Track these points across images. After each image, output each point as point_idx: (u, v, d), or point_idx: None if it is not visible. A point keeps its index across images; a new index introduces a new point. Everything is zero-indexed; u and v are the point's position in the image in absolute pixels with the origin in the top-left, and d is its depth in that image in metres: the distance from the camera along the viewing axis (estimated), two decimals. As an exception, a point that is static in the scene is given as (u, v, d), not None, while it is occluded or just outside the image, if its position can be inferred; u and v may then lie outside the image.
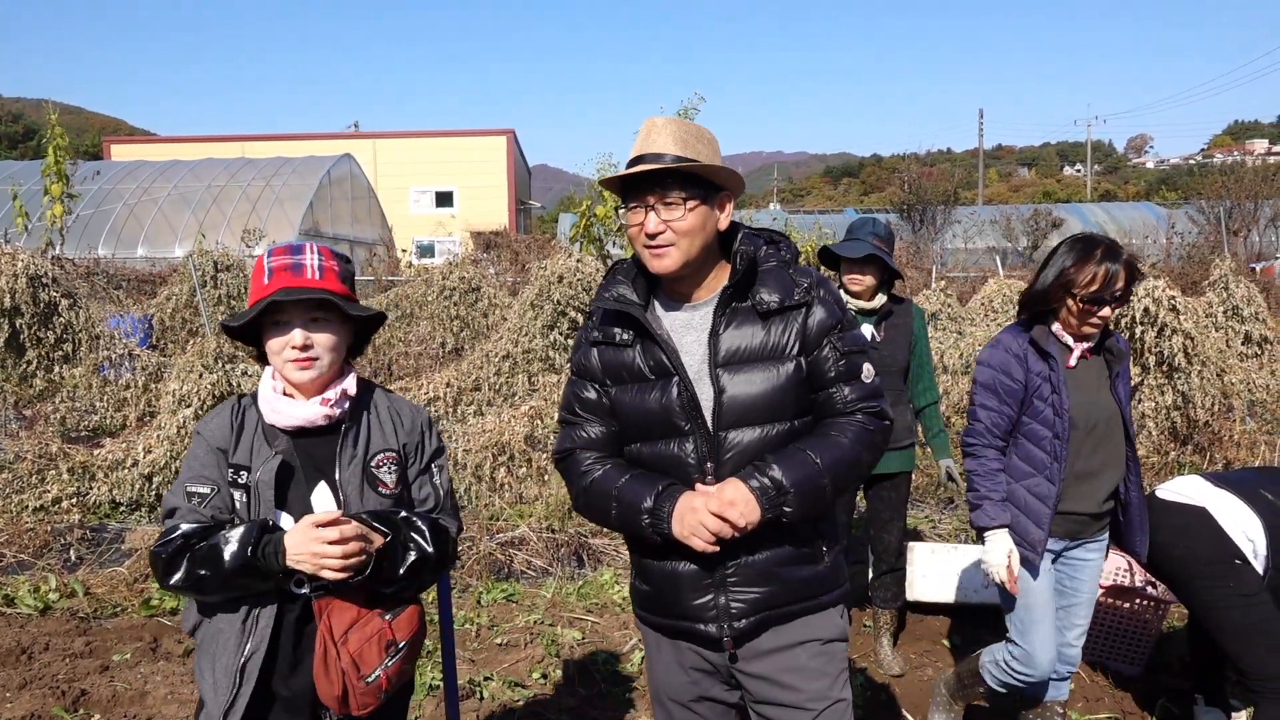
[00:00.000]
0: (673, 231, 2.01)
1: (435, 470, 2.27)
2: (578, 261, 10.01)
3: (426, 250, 32.72)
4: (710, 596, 2.08)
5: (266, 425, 2.13)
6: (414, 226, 37.26)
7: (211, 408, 6.21)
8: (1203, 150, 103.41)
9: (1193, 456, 6.50)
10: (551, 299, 9.87)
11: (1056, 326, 3.03)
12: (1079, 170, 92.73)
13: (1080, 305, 2.94)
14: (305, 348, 2.09)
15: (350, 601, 2.06)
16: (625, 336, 2.13)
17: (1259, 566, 3.11)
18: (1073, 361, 3.03)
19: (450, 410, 9.69)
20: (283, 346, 2.10)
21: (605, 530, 5.91)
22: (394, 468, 2.18)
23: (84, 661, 4.28)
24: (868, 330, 4.05)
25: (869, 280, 4.06)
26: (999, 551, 3.03)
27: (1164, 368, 6.82)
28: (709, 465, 2.04)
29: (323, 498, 2.12)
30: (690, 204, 2.01)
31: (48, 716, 3.76)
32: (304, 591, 2.04)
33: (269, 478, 2.07)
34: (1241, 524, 3.15)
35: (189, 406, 6.21)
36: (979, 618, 4.65)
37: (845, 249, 4.09)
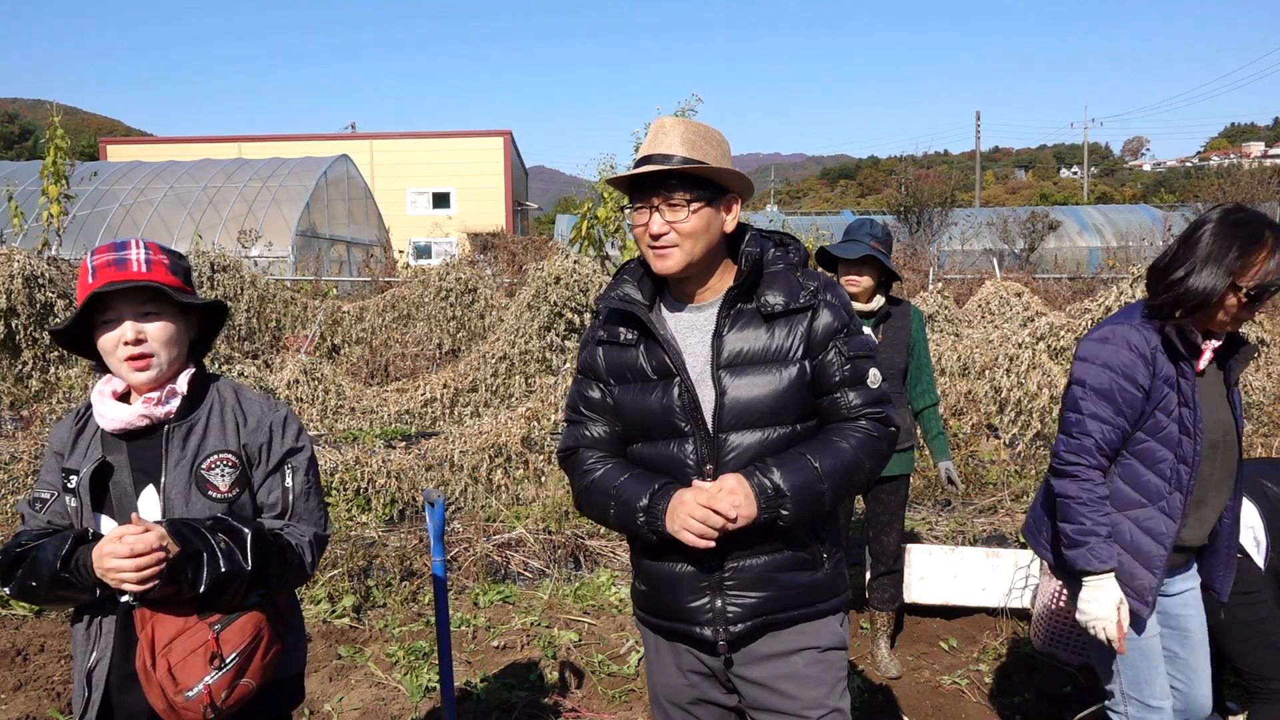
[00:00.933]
0: (677, 233, 2.01)
1: (288, 472, 2.12)
2: (575, 263, 10.01)
3: (423, 251, 32.73)
4: (707, 599, 2.07)
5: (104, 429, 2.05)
6: (411, 227, 37.25)
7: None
8: (1199, 153, 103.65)
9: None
10: (548, 300, 9.87)
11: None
12: (1076, 173, 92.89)
13: (1242, 298, 2.41)
14: (138, 341, 1.99)
15: (178, 612, 1.96)
16: (629, 336, 2.13)
17: (1260, 559, 3.07)
18: (1202, 365, 2.52)
19: (447, 411, 9.69)
20: (115, 344, 2.00)
21: (602, 531, 5.91)
22: (229, 470, 2.05)
23: (79, 663, 4.26)
24: (867, 333, 4.04)
25: (866, 282, 4.06)
26: (1107, 602, 2.49)
27: (1161, 370, 6.82)
28: (708, 467, 2.03)
29: (149, 503, 2.02)
30: (695, 206, 2.01)
31: (43, 717, 3.74)
32: (125, 600, 1.95)
33: (85, 480, 1.99)
34: (1245, 518, 3.09)
35: (185, 407, 6.19)
36: (976, 620, 4.65)
37: (842, 250, 4.08)
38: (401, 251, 24.23)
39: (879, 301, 4.13)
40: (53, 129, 11.82)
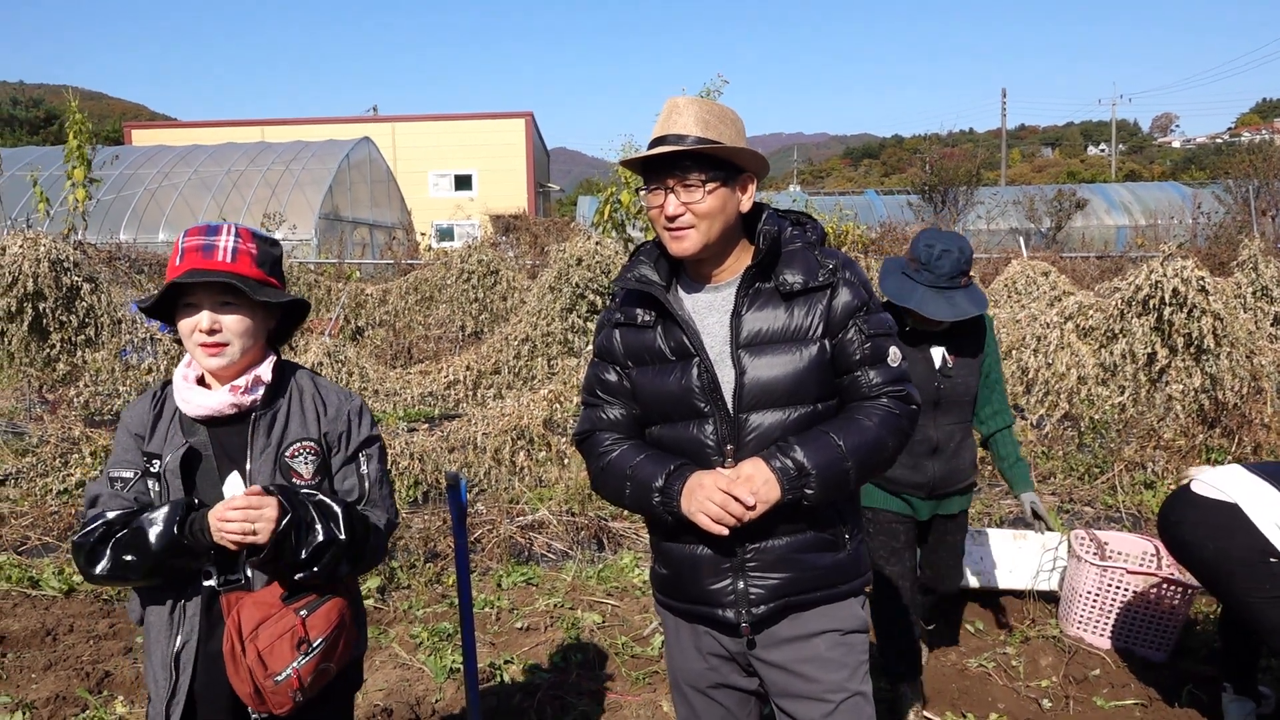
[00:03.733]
0: (692, 214, 1.99)
1: (363, 460, 2.17)
2: (596, 244, 9.97)
3: (446, 233, 32.80)
4: (729, 581, 2.05)
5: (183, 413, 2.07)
6: (433, 210, 37.31)
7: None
8: (1230, 129, 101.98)
9: (1221, 439, 6.41)
10: (570, 282, 9.84)
11: None
12: (1104, 150, 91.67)
13: None
14: (212, 331, 2.01)
15: (265, 597, 2.00)
16: (647, 317, 2.11)
17: None
18: None
19: (470, 393, 9.70)
20: (191, 329, 2.03)
21: (625, 513, 5.90)
22: (311, 458, 2.10)
23: (108, 643, 4.30)
24: (938, 355, 3.43)
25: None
26: None
27: (1192, 350, 6.72)
28: (729, 448, 2.01)
29: (234, 487, 2.05)
30: (710, 186, 1.98)
31: (72, 697, 3.78)
32: (211, 584, 1.99)
33: (175, 466, 2.02)
34: (1275, 517, 3.03)
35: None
36: (1001, 602, 4.61)
37: (929, 306, 3.26)
38: (424, 234, 24.27)
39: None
40: (71, 112, 11.87)
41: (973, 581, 4.64)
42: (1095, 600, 4.18)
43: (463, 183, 42.06)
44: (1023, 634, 4.31)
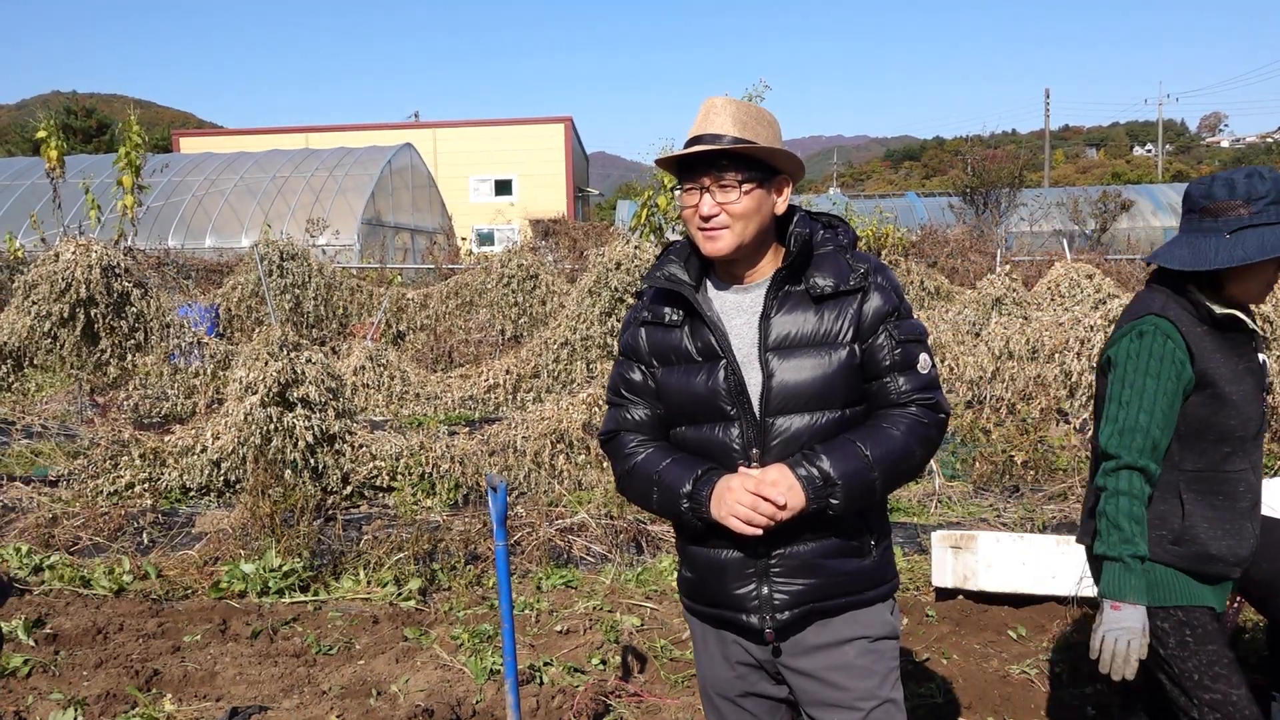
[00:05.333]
0: (728, 214, 1.98)
1: None
2: (635, 248, 10.01)
3: (486, 238, 33.02)
4: (753, 586, 2.04)
5: None
6: (473, 215, 37.59)
7: (277, 394, 6.33)
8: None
9: (1270, 444, 6.29)
10: (609, 286, 9.88)
11: None
12: (1149, 150, 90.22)
13: None
14: None
15: None
16: (675, 316, 2.09)
17: None
18: None
19: (510, 397, 9.77)
20: None
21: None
22: None
23: (156, 642, 4.39)
24: (1272, 362, 2.73)
25: None
26: None
27: (1240, 353, 6.60)
28: (754, 451, 2.00)
29: None
30: (746, 187, 1.98)
31: (122, 695, 3.86)
32: None
33: None
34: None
35: (255, 394, 6.32)
36: (1045, 609, 4.56)
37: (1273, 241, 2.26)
38: (464, 239, 24.48)
39: None
40: (129, 123, 12.13)
41: (1015, 587, 4.59)
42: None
43: (503, 188, 42.33)
44: (1066, 640, 4.26)
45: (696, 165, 2.00)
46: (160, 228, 23.32)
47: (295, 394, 6.40)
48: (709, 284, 2.13)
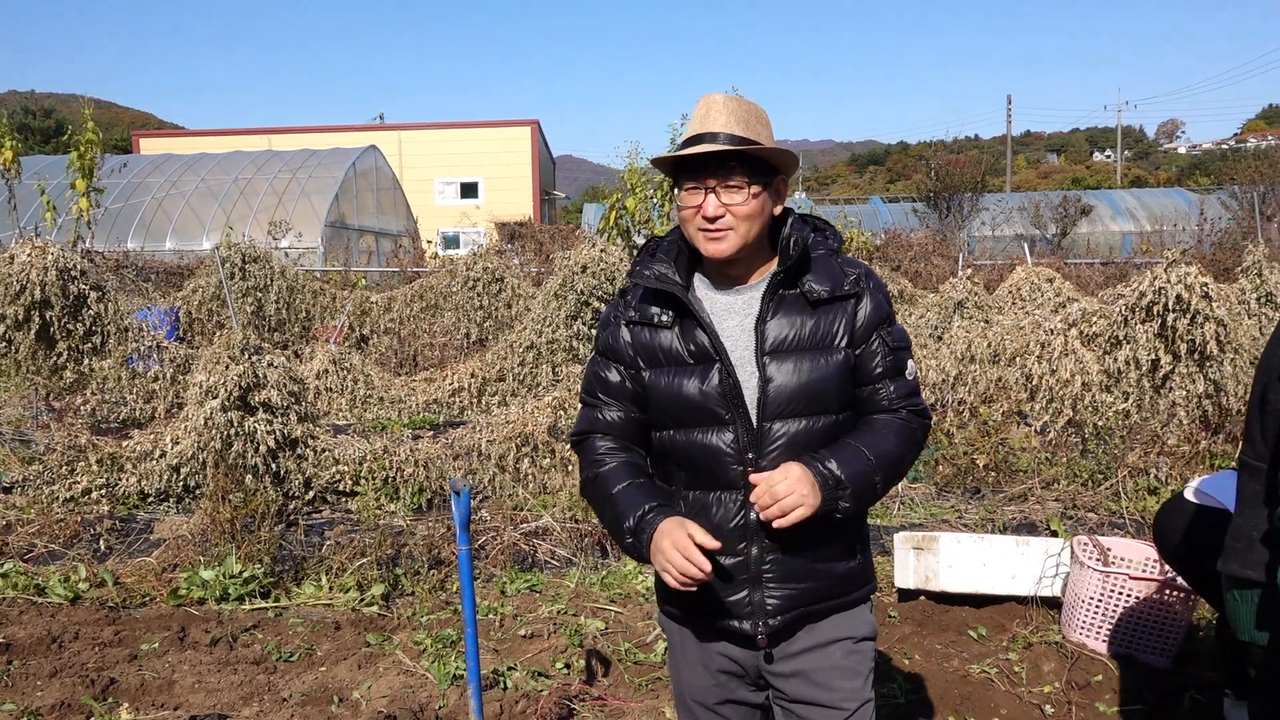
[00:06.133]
0: (733, 215, 1.95)
1: None
2: (601, 251, 10.01)
3: (451, 241, 32.88)
4: (745, 593, 2.02)
5: None
6: (439, 217, 37.39)
7: (238, 398, 6.26)
8: (1236, 135, 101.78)
9: (1224, 445, 6.40)
10: (575, 289, 9.87)
11: None
12: (1109, 156, 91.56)
13: None
14: None
15: None
16: (664, 317, 2.04)
17: None
18: None
19: (475, 401, 9.73)
20: None
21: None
22: None
23: (113, 650, 4.32)
24: None
25: None
26: None
27: (1195, 356, 6.72)
28: (749, 456, 1.97)
29: None
30: (754, 189, 1.96)
31: (77, 705, 3.80)
32: None
33: None
34: None
35: (215, 398, 6.24)
36: (1005, 609, 4.61)
37: None
38: (430, 241, 24.34)
39: None
40: (84, 120, 11.94)
41: (976, 588, 4.64)
42: (1098, 606, 4.18)
43: (468, 190, 42.18)
44: (1025, 640, 4.31)
45: (700, 165, 1.96)
46: (119, 229, 22.96)
47: (257, 398, 6.33)
48: (698, 284, 2.09)
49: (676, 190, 2.05)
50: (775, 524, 1.88)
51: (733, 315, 2.03)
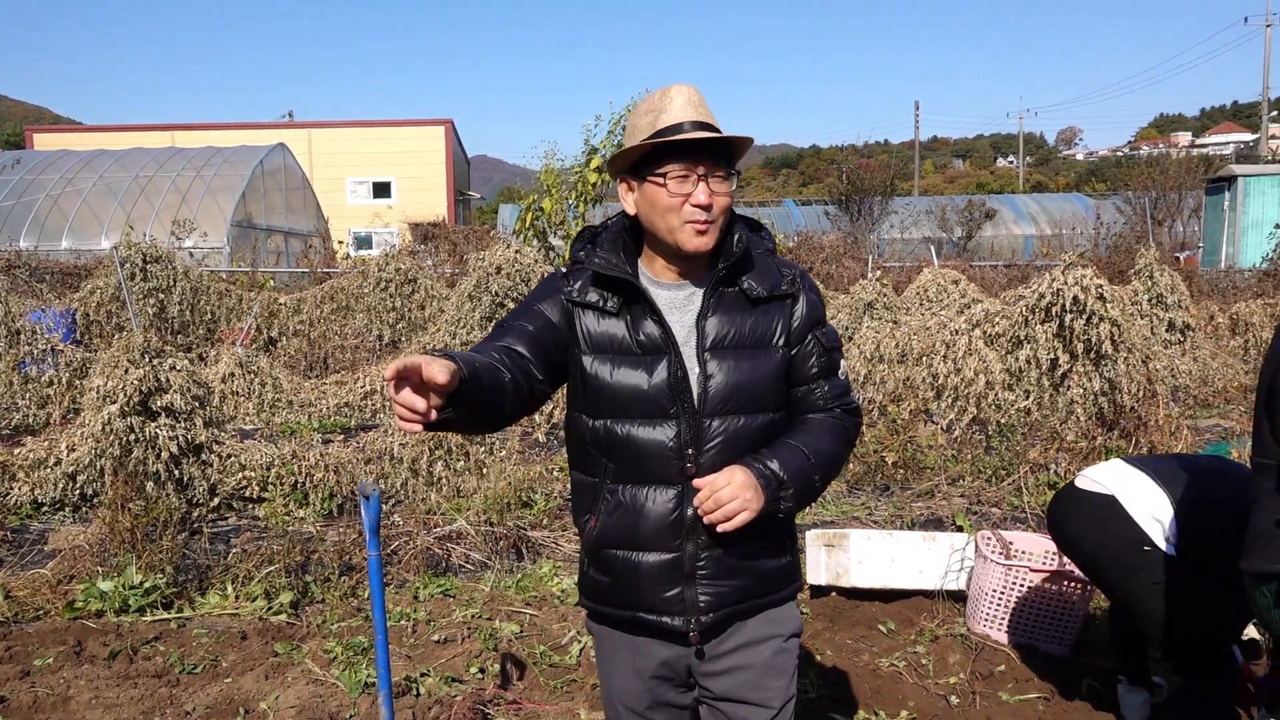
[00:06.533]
0: (717, 207, 1.94)
1: None
2: (516, 252, 9.95)
3: (363, 241, 32.34)
4: (679, 589, 2.00)
5: None
6: (350, 217, 36.69)
7: (139, 403, 6.05)
8: (1130, 142, 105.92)
9: (1119, 441, 6.66)
10: (490, 290, 9.80)
11: None
12: (1012, 162, 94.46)
13: None
14: None
15: None
16: (611, 304, 1.99)
17: (1169, 549, 3.08)
18: None
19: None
20: None
21: (545, 522, 5.89)
22: None
23: (3, 667, 4.14)
24: None
25: None
26: None
27: (1091, 355, 6.98)
28: (689, 452, 1.95)
29: None
30: (733, 182, 1.97)
31: (-36, 725, 3.63)
32: None
33: None
34: (1150, 508, 3.12)
35: (114, 403, 6.03)
36: (913, 603, 4.72)
37: None
38: (341, 242, 23.93)
39: None
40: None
41: (885, 583, 4.74)
42: (1000, 598, 4.30)
43: (381, 190, 41.51)
44: (932, 633, 4.42)
45: (699, 152, 1.92)
46: (11, 228, 22.02)
47: (158, 403, 6.14)
48: (641, 277, 2.03)
49: (634, 181, 1.98)
50: (719, 528, 1.88)
51: (674, 310, 2.00)
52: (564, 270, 2.06)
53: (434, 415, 1.68)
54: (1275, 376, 2.30)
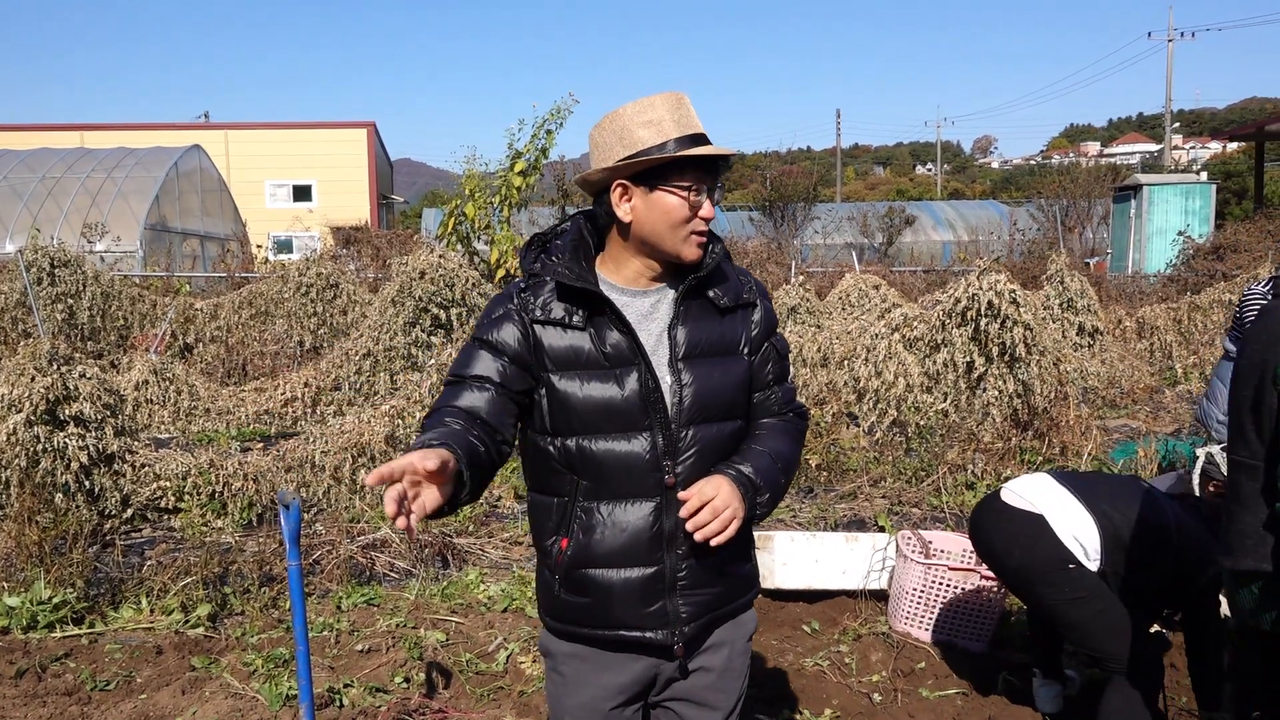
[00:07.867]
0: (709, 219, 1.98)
1: None
2: (440, 257, 9.85)
3: (284, 246, 31.63)
4: (661, 603, 1.97)
5: None
6: (271, 221, 35.89)
7: (45, 412, 5.85)
8: (1042, 152, 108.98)
9: (1033, 441, 6.86)
10: (413, 295, 9.69)
11: None
12: (930, 169, 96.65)
13: None
14: None
15: None
16: (576, 318, 1.92)
17: (1093, 567, 3.19)
18: None
19: (309, 411, 9.40)
20: None
21: (471, 529, 5.85)
22: None
23: (-99, 689, 3.96)
24: None
25: None
26: None
27: (1006, 358, 7.19)
28: (666, 464, 1.93)
29: None
30: (718, 193, 1.99)
31: None
32: None
33: None
34: (1074, 529, 3.20)
35: (19, 412, 5.81)
36: (837, 603, 4.80)
37: None
38: (260, 246, 23.41)
39: None
40: None
41: (809, 584, 4.81)
42: (920, 596, 4.40)
43: (301, 193, 40.71)
44: (855, 632, 4.50)
45: (712, 167, 1.96)
46: (-92, 231, 21.10)
47: (67, 411, 5.94)
48: (602, 285, 1.98)
49: (640, 188, 1.92)
50: (713, 541, 1.85)
51: (643, 319, 1.98)
52: (520, 285, 1.98)
53: (429, 510, 1.72)
54: (1262, 379, 2.29)
